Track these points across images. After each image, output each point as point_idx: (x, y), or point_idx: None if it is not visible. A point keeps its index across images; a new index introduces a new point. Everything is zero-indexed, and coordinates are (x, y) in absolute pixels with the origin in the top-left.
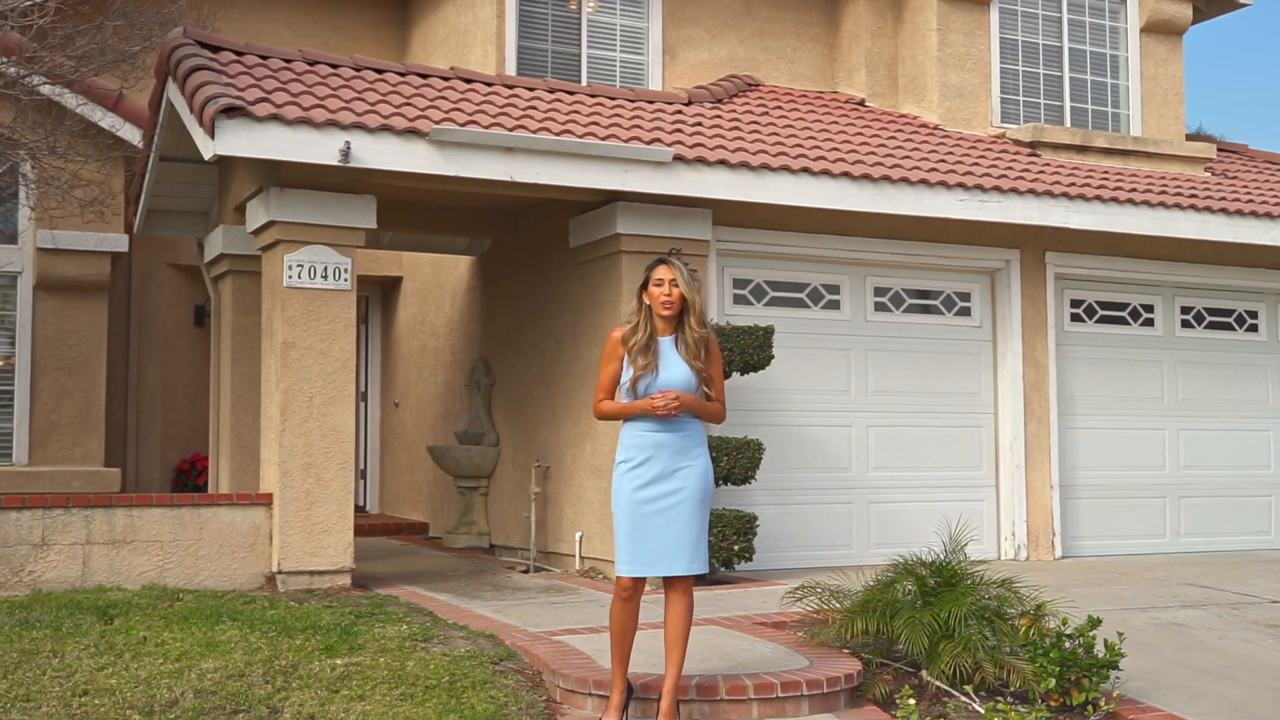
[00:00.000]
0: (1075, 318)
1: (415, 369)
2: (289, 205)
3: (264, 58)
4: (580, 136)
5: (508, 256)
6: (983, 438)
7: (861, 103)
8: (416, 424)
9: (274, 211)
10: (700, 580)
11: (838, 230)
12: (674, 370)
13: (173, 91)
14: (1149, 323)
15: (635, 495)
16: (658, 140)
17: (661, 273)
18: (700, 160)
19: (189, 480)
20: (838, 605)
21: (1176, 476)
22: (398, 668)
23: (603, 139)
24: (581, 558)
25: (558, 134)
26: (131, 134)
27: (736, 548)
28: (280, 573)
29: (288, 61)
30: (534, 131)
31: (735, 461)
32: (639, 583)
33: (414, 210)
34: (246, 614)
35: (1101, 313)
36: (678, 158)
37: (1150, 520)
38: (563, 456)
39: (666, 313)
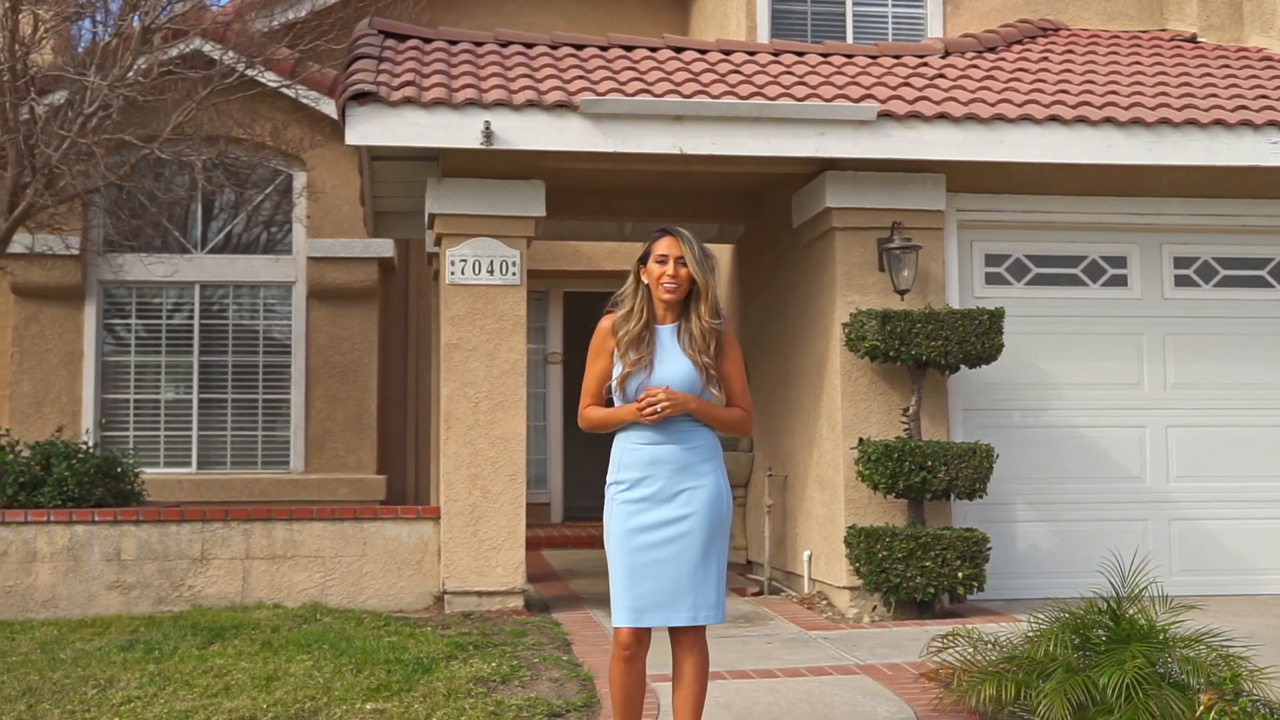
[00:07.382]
0: None
1: None
2: (448, 196)
3: (452, 43)
4: (774, 99)
5: (755, 242)
6: None
7: (1193, 39)
8: None
9: (433, 204)
10: (923, 612)
11: (1120, 191)
12: (672, 366)
13: None
14: None
15: (628, 524)
16: (869, 97)
17: (665, 246)
18: (914, 116)
19: None
20: (980, 659)
21: None
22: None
23: (801, 99)
24: (811, 580)
25: (746, 97)
26: None
27: (961, 575)
28: (446, 593)
29: (476, 45)
30: (718, 96)
31: (957, 472)
32: (642, 636)
33: (648, 196)
34: (349, 642)
35: None
36: (885, 114)
37: None
38: (797, 464)
39: (668, 296)
